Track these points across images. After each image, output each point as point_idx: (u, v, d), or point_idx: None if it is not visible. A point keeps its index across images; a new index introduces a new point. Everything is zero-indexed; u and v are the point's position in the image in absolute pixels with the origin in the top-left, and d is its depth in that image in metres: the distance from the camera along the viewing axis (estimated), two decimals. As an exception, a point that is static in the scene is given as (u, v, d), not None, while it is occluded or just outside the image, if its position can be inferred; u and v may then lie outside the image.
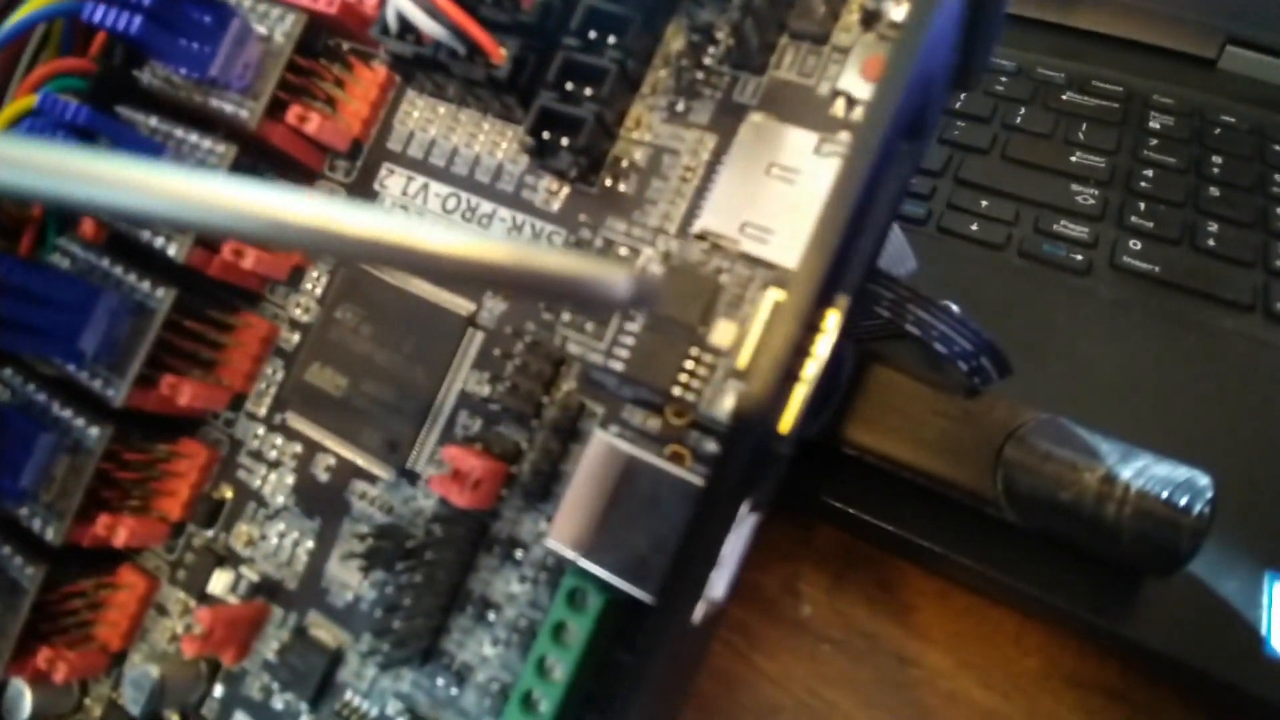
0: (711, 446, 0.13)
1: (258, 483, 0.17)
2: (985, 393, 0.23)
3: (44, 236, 0.17)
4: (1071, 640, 0.23)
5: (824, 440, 0.24)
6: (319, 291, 0.17)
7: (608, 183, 0.15)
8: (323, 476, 0.16)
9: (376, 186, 0.17)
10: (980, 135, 0.39)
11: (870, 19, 0.14)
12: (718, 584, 0.12)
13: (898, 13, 0.14)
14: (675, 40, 0.15)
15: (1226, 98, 0.42)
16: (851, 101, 0.14)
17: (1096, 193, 0.36)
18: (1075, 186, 0.36)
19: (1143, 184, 0.37)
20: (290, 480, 0.16)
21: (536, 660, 0.13)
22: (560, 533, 0.12)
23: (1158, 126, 0.40)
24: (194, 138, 0.16)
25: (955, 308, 0.25)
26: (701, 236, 0.14)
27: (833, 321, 0.11)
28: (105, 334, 0.15)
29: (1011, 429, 0.22)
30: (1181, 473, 0.21)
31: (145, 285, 0.15)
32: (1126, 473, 0.21)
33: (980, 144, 0.39)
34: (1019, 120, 0.40)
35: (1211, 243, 0.34)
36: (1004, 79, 0.43)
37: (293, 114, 0.16)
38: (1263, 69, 0.43)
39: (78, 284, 0.15)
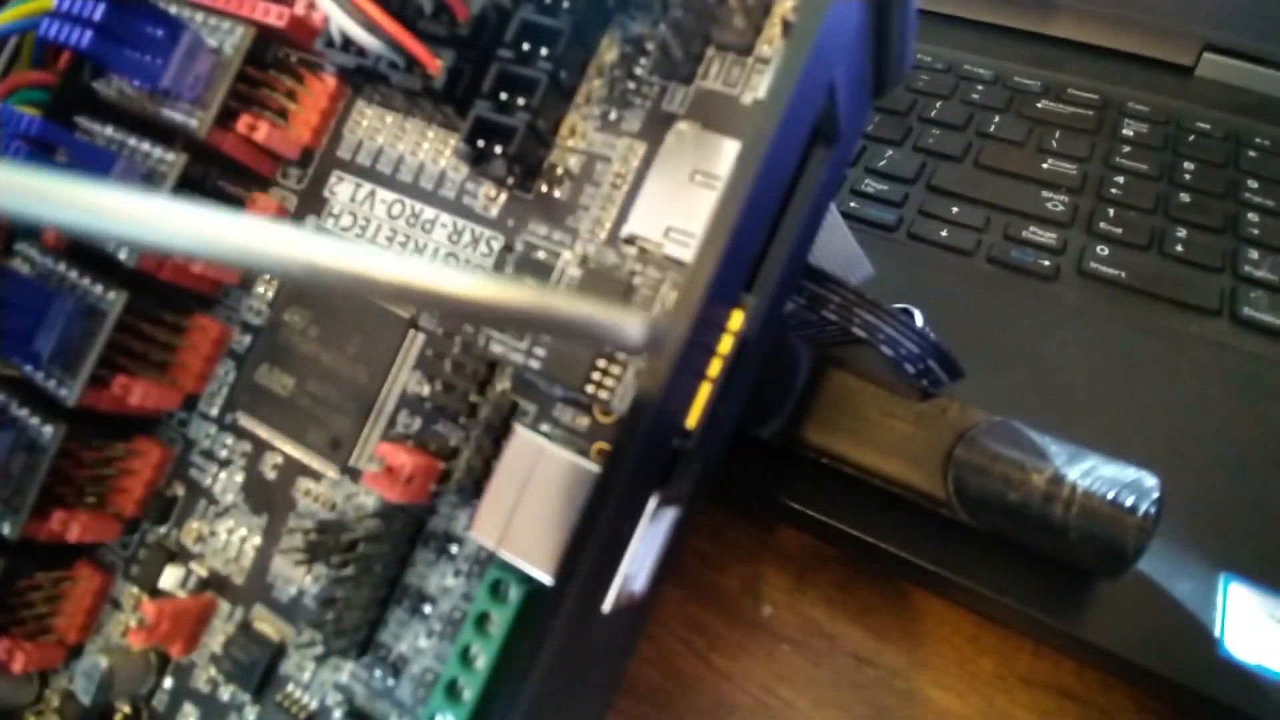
0: (636, 444, 0.14)
1: (208, 481, 0.17)
2: (939, 396, 0.23)
3: (10, 242, 0.18)
4: (1026, 640, 0.23)
5: (782, 442, 0.24)
6: (270, 295, 0.17)
7: (544, 189, 0.16)
8: (270, 474, 0.16)
9: (326, 193, 0.17)
10: (954, 142, 0.40)
11: (790, 31, 0.14)
12: (635, 579, 0.13)
13: (814, 25, 0.14)
14: (609, 51, 0.16)
15: (1203, 104, 0.43)
16: (771, 110, 0.14)
17: (1067, 199, 0.36)
18: (1046, 193, 0.37)
19: (1113, 190, 0.37)
20: (239, 478, 0.17)
21: (461, 649, 0.13)
22: (481, 525, 0.13)
23: (1131, 134, 0.40)
24: (145, 146, 0.16)
25: (918, 315, 0.26)
26: (629, 241, 0.14)
27: (738, 321, 0.12)
28: (60, 336, 0.16)
29: (962, 430, 0.23)
30: (1129, 473, 0.21)
31: (98, 289, 0.16)
32: (1074, 473, 0.21)
33: (954, 151, 0.39)
34: (993, 128, 0.41)
35: (1180, 248, 0.34)
36: (980, 87, 0.44)
37: (242, 123, 0.16)
38: (1240, 75, 0.43)
39: (33, 287, 0.16)
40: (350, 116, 0.17)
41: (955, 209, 0.36)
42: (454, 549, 0.15)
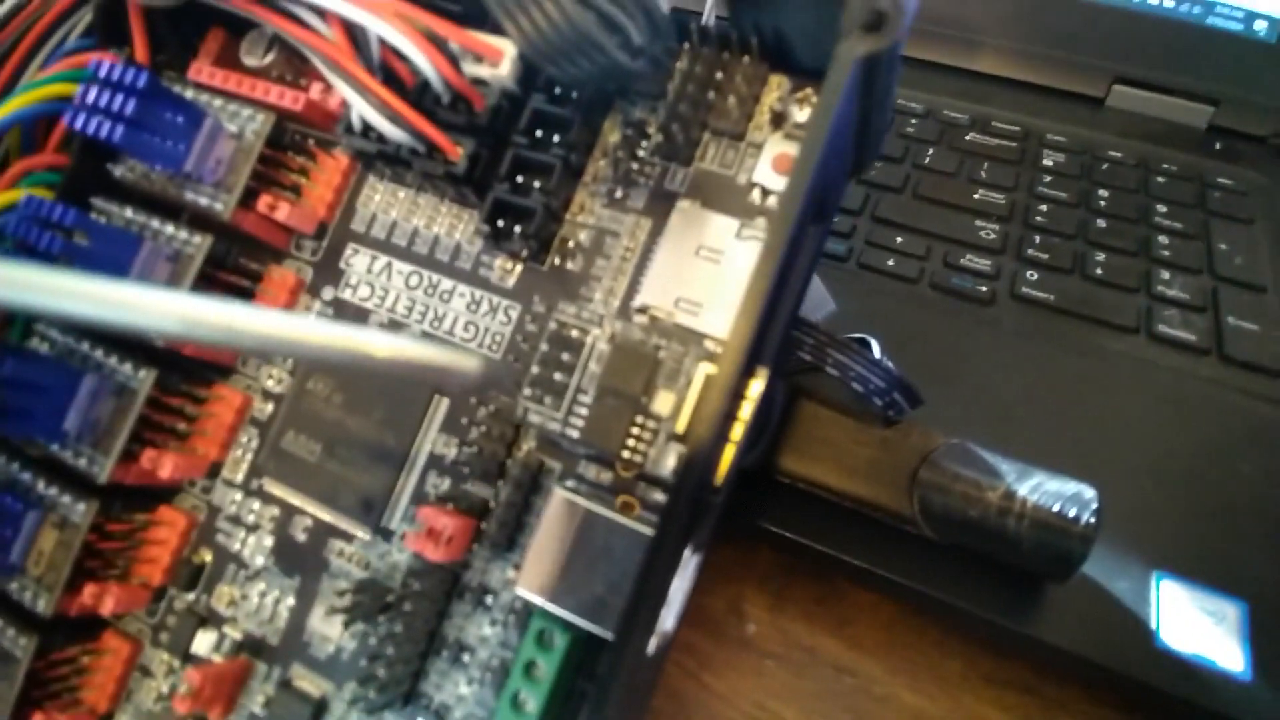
0: (657, 495, 0.15)
1: (237, 545, 0.18)
2: (901, 422, 0.25)
3: (12, 317, 0.18)
4: (988, 643, 0.26)
5: (760, 470, 0.26)
6: (290, 363, 0.18)
7: (557, 261, 0.17)
8: (300, 537, 0.17)
9: (342, 265, 0.18)
10: (894, 175, 0.42)
11: (779, 119, 0.16)
12: (667, 619, 0.14)
13: (800, 115, 0.16)
14: (612, 134, 0.17)
15: (1114, 134, 0.47)
16: (765, 192, 0.16)
17: (998, 228, 0.39)
18: (979, 222, 0.40)
19: (1038, 218, 0.40)
20: (269, 542, 0.17)
21: (511, 696, 0.14)
22: (528, 581, 0.14)
23: (1051, 164, 0.44)
24: (170, 229, 0.17)
25: (875, 344, 0.28)
26: (642, 310, 0.16)
27: (755, 389, 0.13)
28: (87, 414, 0.16)
29: (924, 454, 0.25)
30: (1070, 487, 0.24)
31: (126, 367, 0.17)
32: (1023, 489, 0.24)
33: (894, 183, 0.42)
34: (928, 160, 0.44)
35: (1099, 271, 0.37)
36: (914, 121, 0.46)
37: (263, 203, 0.17)
38: (1147, 105, 0.48)
39: (60, 367, 0.16)
40: (362, 191, 0.18)
41: (899, 239, 0.38)
42: (489, 600, 0.16)
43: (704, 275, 0.16)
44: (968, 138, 0.45)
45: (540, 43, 0.13)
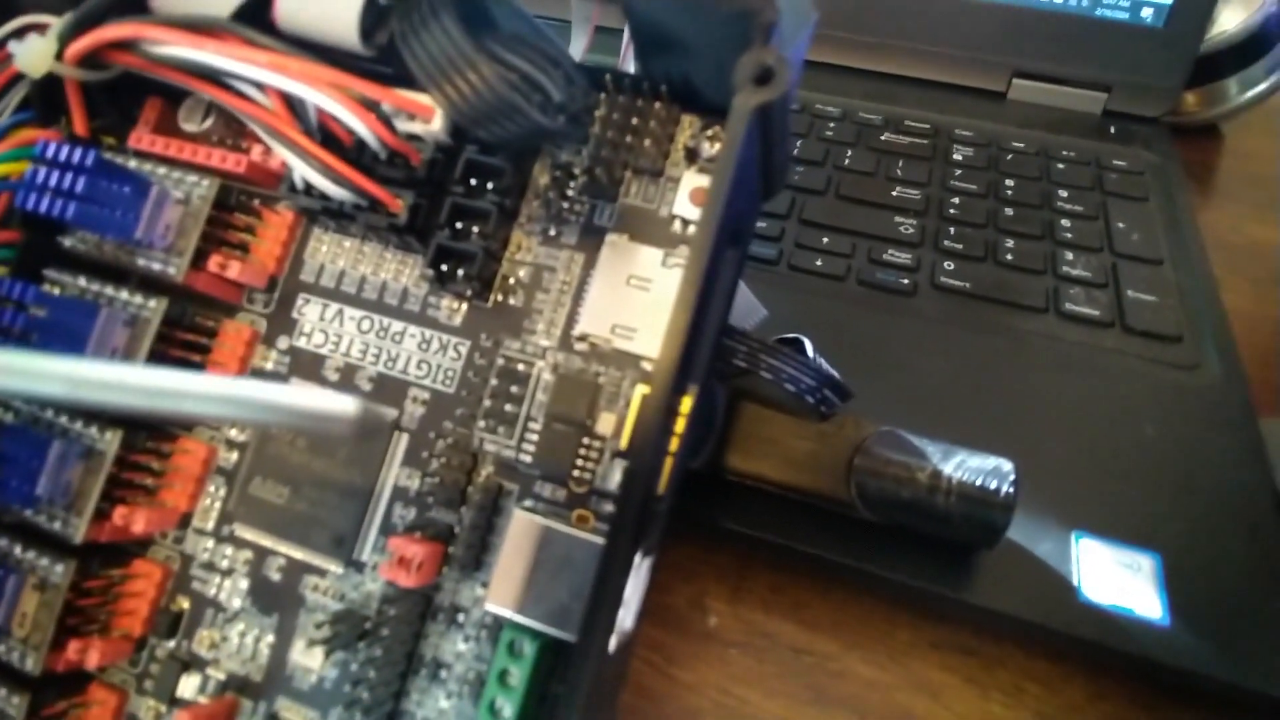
0: (609, 507, 0.17)
1: (213, 591, 0.19)
2: (835, 415, 0.27)
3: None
4: (931, 612, 0.28)
5: (711, 470, 0.28)
6: (252, 413, 0.19)
7: (500, 298, 0.18)
8: (275, 576, 0.18)
9: (295, 314, 0.19)
10: (816, 178, 0.45)
11: (692, 155, 0.18)
12: (626, 618, 0.15)
13: (711, 151, 0.18)
14: (542, 176, 0.19)
15: (1016, 125, 0.50)
16: (685, 222, 0.17)
17: (915, 222, 0.42)
18: (898, 218, 0.42)
19: (951, 211, 0.43)
20: (244, 584, 0.18)
21: (488, 704, 0.15)
22: (496, 596, 0.15)
23: (960, 158, 0.46)
24: (124, 295, 0.18)
25: (807, 344, 0.30)
26: (582, 338, 0.17)
27: (687, 405, 0.15)
28: (57, 478, 0.17)
29: (857, 443, 0.27)
30: (990, 462, 0.26)
31: (92, 430, 0.17)
32: (948, 468, 0.26)
33: (817, 186, 0.44)
34: (847, 161, 0.46)
35: (1010, 257, 0.40)
36: (832, 125, 0.49)
37: (214, 263, 0.18)
38: (1046, 95, 0.51)
39: (27, 435, 0.17)
40: (309, 243, 0.19)
41: (825, 239, 0.40)
42: (461, 618, 0.17)
43: (636, 302, 0.17)
44: (883, 138, 0.47)
45: (465, 109, 0.14)
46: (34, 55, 0.18)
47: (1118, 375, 0.34)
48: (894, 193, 0.43)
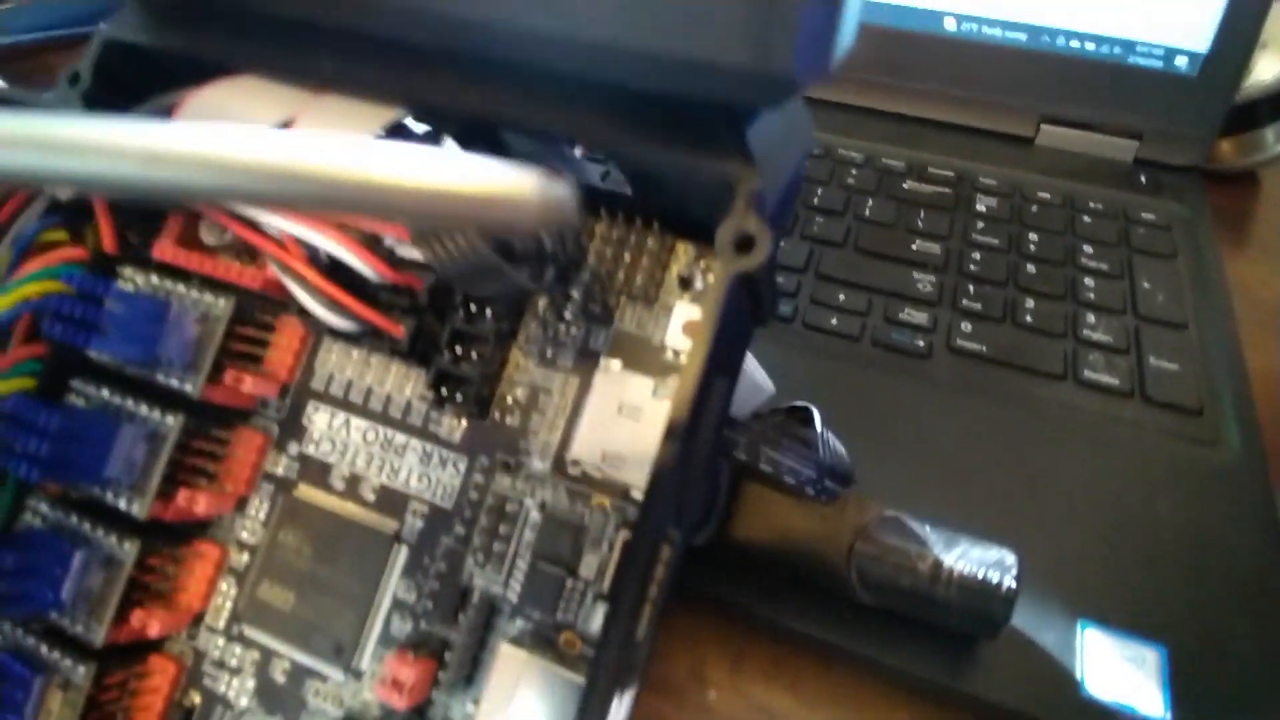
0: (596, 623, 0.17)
1: (222, 688, 0.20)
2: (839, 497, 0.27)
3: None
4: (929, 699, 0.28)
5: (714, 544, 0.28)
6: (262, 516, 0.20)
7: (498, 416, 0.19)
8: (280, 679, 0.19)
9: (305, 421, 0.20)
10: (836, 229, 0.44)
11: (685, 283, 0.18)
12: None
13: (701, 283, 0.18)
14: (539, 299, 0.19)
15: (1043, 173, 0.49)
16: (677, 352, 0.18)
17: (934, 279, 0.41)
18: (916, 274, 0.42)
19: (972, 266, 0.42)
20: (251, 684, 0.19)
21: (473, 827, 0.16)
22: (483, 726, 0.16)
23: (983, 209, 0.46)
24: (144, 409, 0.19)
25: (815, 415, 0.30)
26: (574, 463, 0.18)
27: (666, 553, 0.15)
28: (80, 584, 0.18)
29: (859, 527, 0.27)
30: (993, 554, 0.26)
31: (113, 539, 0.18)
32: (950, 558, 0.26)
33: (836, 238, 0.44)
34: (868, 211, 0.46)
35: (1029, 318, 0.40)
36: (854, 171, 0.49)
37: (229, 377, 0.19)
38: (1075, 142, 0.50)
39: (53, 543, 0.18)
40: (319, 352, 0.20)
41: (841, 296, 0.40)
42: (453, 731, 0.18)
43: (626, 431, 0.18)
44: (905, 185, 0.47)
45: (451, 270, 0.15)
46: (62, 180, 0.19)
47: (1134, 450, 0.34)
48: (914, 246, 0.43)
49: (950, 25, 0.48)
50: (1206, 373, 0.37)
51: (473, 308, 0.18)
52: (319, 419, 0.20)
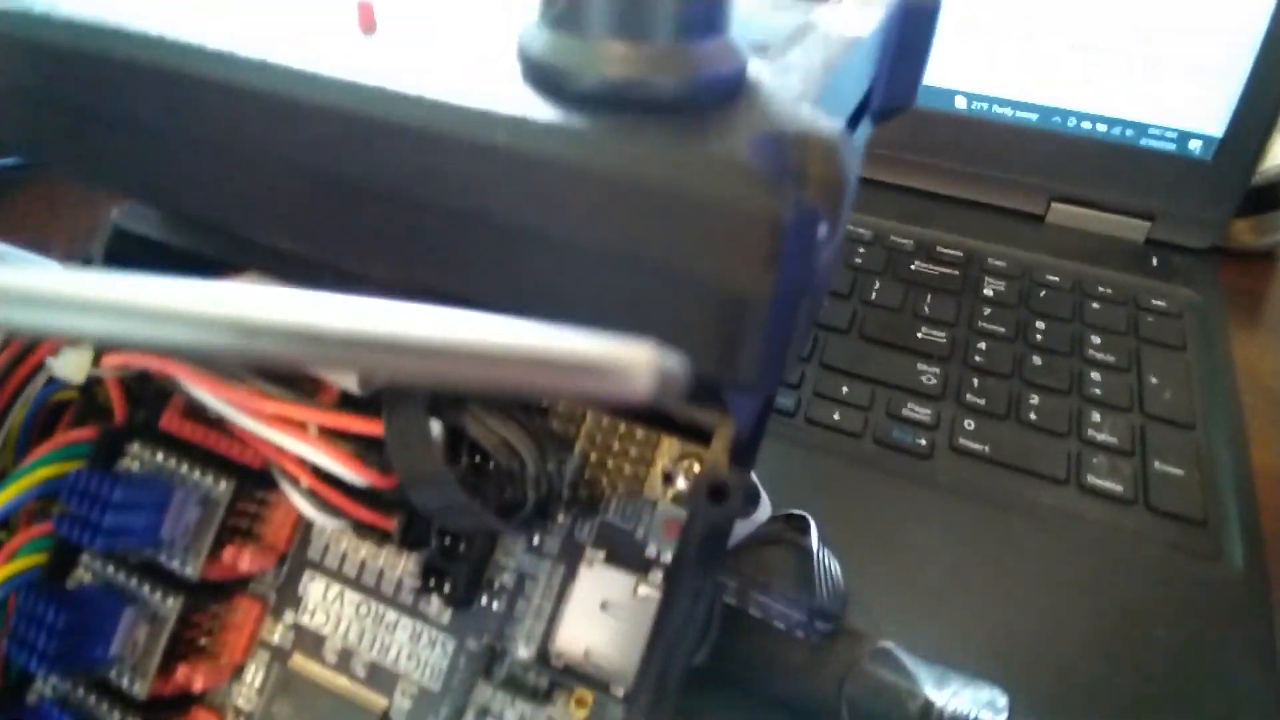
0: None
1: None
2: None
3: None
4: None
5: (706, 666, 0.28)
6: (257, 684, 0.21)
7: (484, 601, 0.19)
8: (274, 847, 0.20)
9: (300, 590, 0.21)
10: (842, 313, 0.45)
11: (668, 479, 0.19)
12: None
13: (682, 483, 0.18)
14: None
15: (1053, 253, 0.49)
16: (659, 549, 0.18)
17: (939, 370, 0.41)
18: (921, 365, 0.42)
19: (977, 358, 0.42)
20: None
21: None
22: None
23: (991, 293, 0.46)
24: (145, 590, 0.19)
25: (812, 525, 0.30)
26: (559, 655, 0.18)
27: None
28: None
29: (850, 664, 0.27)
30: (984, 693, 0.26)
31: (114, 716, 0.19)
32: (941, 697, 0.26)
33: (841, 324, 0.44)
34: (874, 294, 0.46)
35: (1033, 416, 0.39)
36: (862, 249, 0.49)
37: (228, 555, 0.20)
38: (1086, 221, 0.50)
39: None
40: (315, 525, 0.21)
41: (845, 388, 0.40)
42: None
43: (609, 627, 0.18)
44: (913, 266, 0.47)
45: (432, 512, 0.15)
46: (71, 367, 0.20)
47: (1134, 564, 0.34)
48: (919, 334, 0.43)
49: (961, 104, 0.48)
50: (1212, 480, 0.37)
51: (461, 500, 0.19)
52: (314, 589, 0.21)
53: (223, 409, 0.18)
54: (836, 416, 0.39)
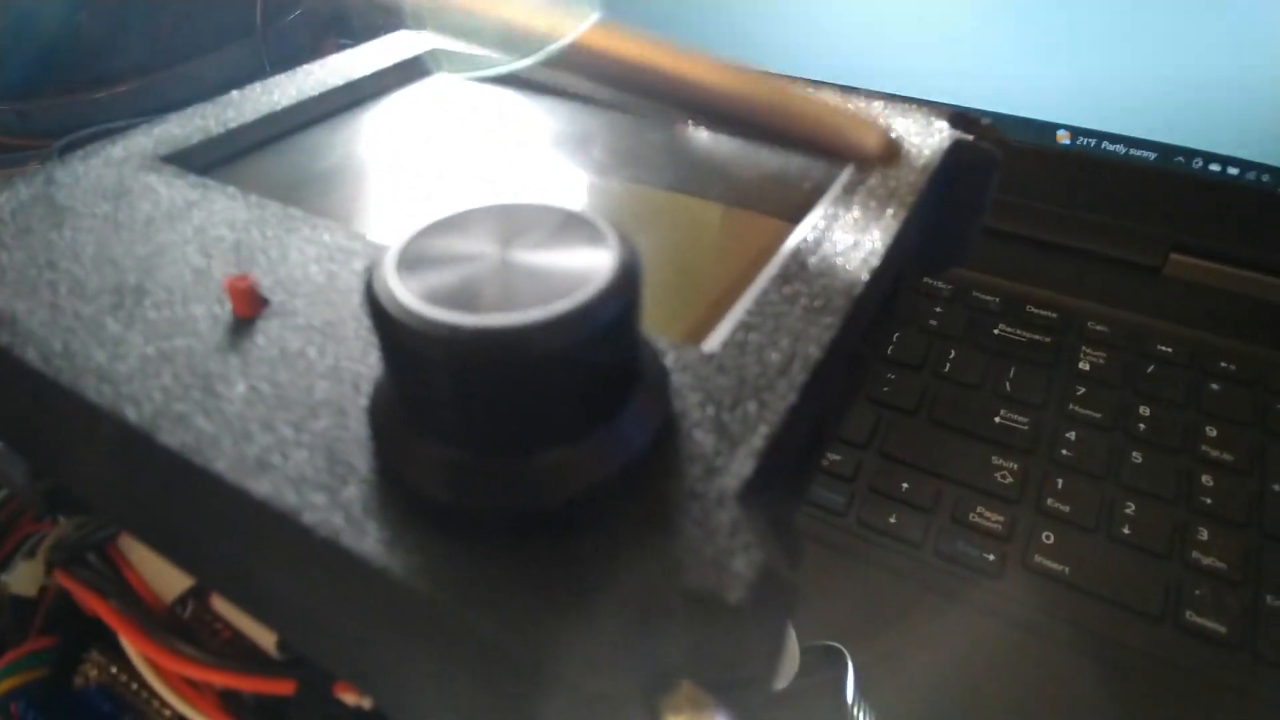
0: None
1: None
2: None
3: None
4: None
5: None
6: None
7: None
8: None
9: None
10: (909, 389, 0.40)
11: None
12: None
13: None
14: None
15: (1166, 317, 0.42)
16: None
17: (1017, 466, 0.37)
18: (996, 459, 0.37)
19: (1064, 451, 0.37)
20: None
21: None
22: None
23: (1087, 366, 0.40)
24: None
25: (849, 662, 0.27)
26: None
27: None
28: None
29: None
30: None
31: None
32: None
33: (908, 404, 0.39)
34: (949, 365, 0.41)
35: (1127, 530, 0.34)
36: (939, 309, 0.44)
37: None
38: (1208, 276, 0.43)
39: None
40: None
41: (905, 484, 0.36)
42: None
43: None
44: (997, 330, 0.42)
45: None
46: (25, 579, 0.19)
47: (1235, 733, 0.29)
48: (997, 417, 0.38)
49: (1064, 139, 0.42)
50: (1343, 625, 0.31)
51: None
52: None
53: (139, 664, 0.16)
54: (893, 520, 0.35)
